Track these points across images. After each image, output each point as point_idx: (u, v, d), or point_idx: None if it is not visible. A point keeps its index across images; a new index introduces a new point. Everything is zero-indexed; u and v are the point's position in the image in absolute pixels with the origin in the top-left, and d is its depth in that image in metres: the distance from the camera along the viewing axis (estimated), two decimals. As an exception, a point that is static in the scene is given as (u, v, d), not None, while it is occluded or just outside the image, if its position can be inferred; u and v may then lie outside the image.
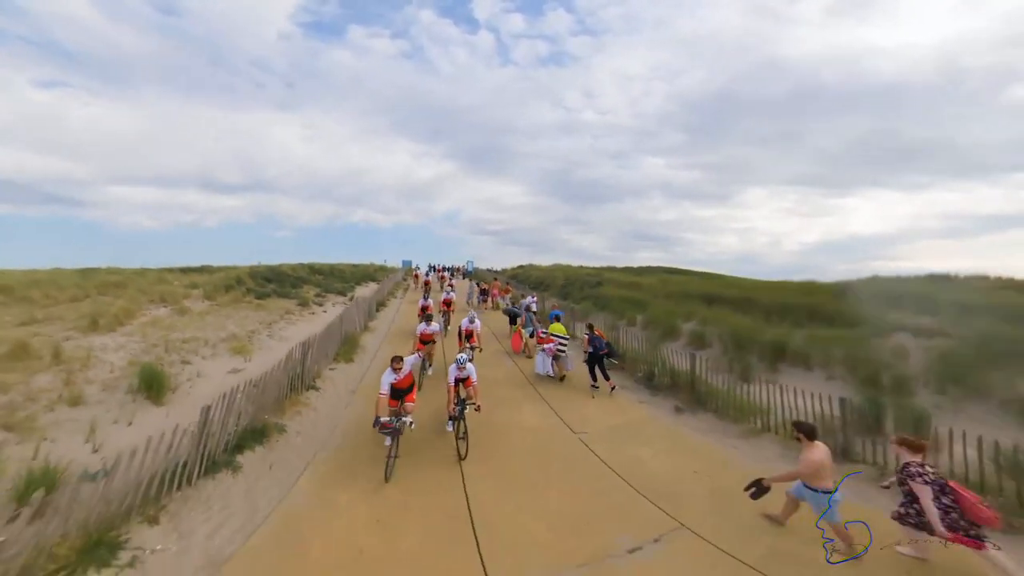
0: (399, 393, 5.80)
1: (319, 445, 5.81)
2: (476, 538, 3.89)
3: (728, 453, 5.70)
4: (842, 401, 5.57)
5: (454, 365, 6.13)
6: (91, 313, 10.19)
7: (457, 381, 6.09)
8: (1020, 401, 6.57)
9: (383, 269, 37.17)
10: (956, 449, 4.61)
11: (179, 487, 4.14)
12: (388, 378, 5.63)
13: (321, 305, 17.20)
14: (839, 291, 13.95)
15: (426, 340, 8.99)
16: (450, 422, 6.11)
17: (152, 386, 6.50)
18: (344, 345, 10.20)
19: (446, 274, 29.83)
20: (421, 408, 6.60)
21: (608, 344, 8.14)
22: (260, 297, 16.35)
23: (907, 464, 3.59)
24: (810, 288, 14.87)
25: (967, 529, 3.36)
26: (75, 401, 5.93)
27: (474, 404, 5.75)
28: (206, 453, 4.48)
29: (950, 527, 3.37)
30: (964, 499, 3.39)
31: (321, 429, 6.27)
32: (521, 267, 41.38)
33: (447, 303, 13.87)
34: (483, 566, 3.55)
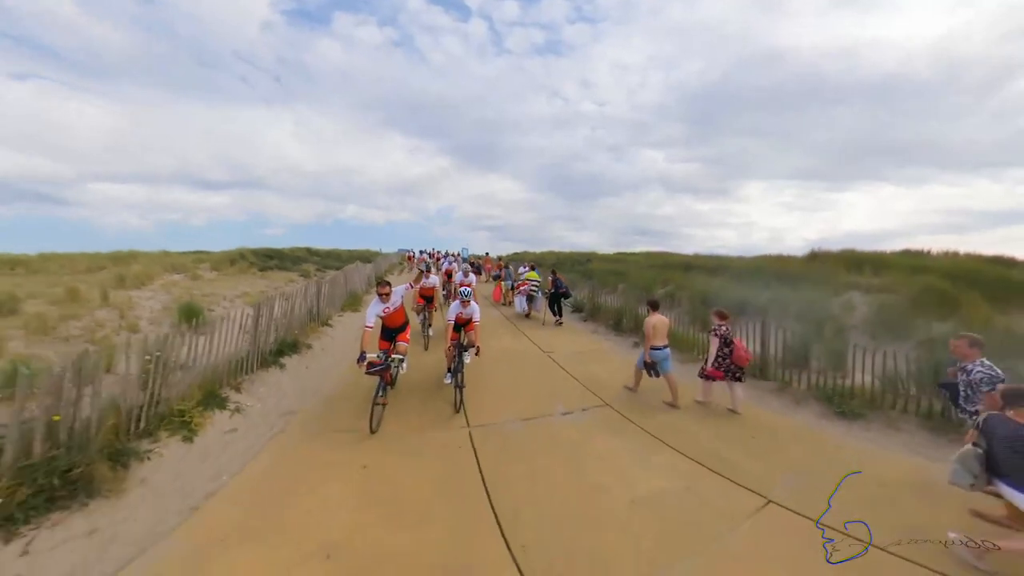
0: (390, 333, 5.29)
1: (340, 357, 7.13)
2: (466, 417, 5.19)
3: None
4: (779, 339, 6.69)
5: (456, 302, 5.72)
6: (116, 275, 11.35)
7: (458, 324, 5.77)
8: (931, 340, 7.99)
9: (378, 254, 38.30)
10: (857, 376, 5.79)
11: (246, 372, 5.44)
12: (375, 309, 4.98)
13: (322, 279, 18.37)
14: (809, 259, 15.44)
15: (425, 295, 8.57)
16: (448, 374, 5.96)
17: (191, 319, 7.73)
18: (349, 299, 11.47)
19: (448, 264, 22.68)
20: (427, 363, 6.95)
21: (565, 286, 9.71)
22: (263, 270, 17.53)
23: (713, 328, 5.17)
24: (781, 259, 16.33)
25: (731, 371, 5.10)
26: (133, 328, 7.15)
27: (474, 348, 5.35)
28: (258, 350, 5.77)
29: (718, 368, 5.10)
30: (738, 349, 5.04)
31: (337, 351, 7.58)
32: (516, 253, 43.04)
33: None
34: (467, 420, 4.91)
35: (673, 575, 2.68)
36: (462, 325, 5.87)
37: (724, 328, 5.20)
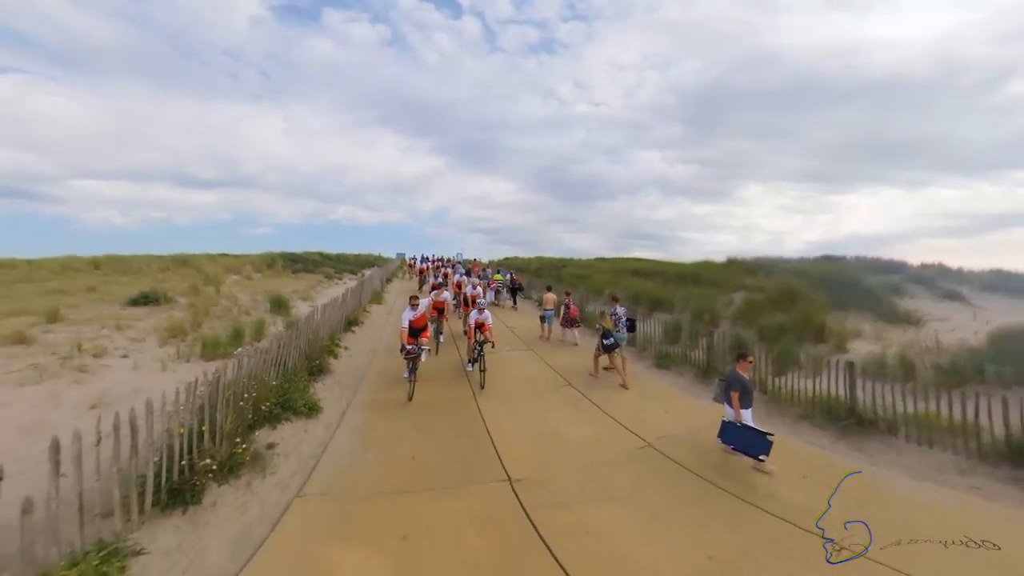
0: (415, 332, 7.30)
1: (380, 330, 11.64)
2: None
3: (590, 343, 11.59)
4: (665, 324, 11.15)
5: (475, 311, 8.04)
6: (201, 276, 15.76)
7: (477, 325, 7.81)
8: (771, 327, 12.46)
9: (380, 258, 43.11)
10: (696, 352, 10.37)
11: (345, 331, 9.93)
12: (408, 315, 7.23)
13: (340, 279, 22.85)
14: (725, 266, 20.06)
15: (438, 308, 10.22)
16: (469, 363, 8.03)
17: (280, 306, 12.15)
18: (374, 295, 16.01)
19: (459, 276, 25.65)
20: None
21: (520, 283, 14.37)
22: (294, 272, 21.97)
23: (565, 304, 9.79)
24: (706, 264, 20.95)
25: (569, 323, 9.91)
26: (246, 312, 11.53)
27: (490, 343, 7.52)
28: (344, 320, 10.24)
29: (562, 323, 9.95)
30: (571, 310, 9.84)
31: (377, 327, 12.06)
32: (506, 258, 47.92)
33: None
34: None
35: (588, 472, 5.34)
36: (479, 327, 7.85)
37: (568, 299, 10.23)
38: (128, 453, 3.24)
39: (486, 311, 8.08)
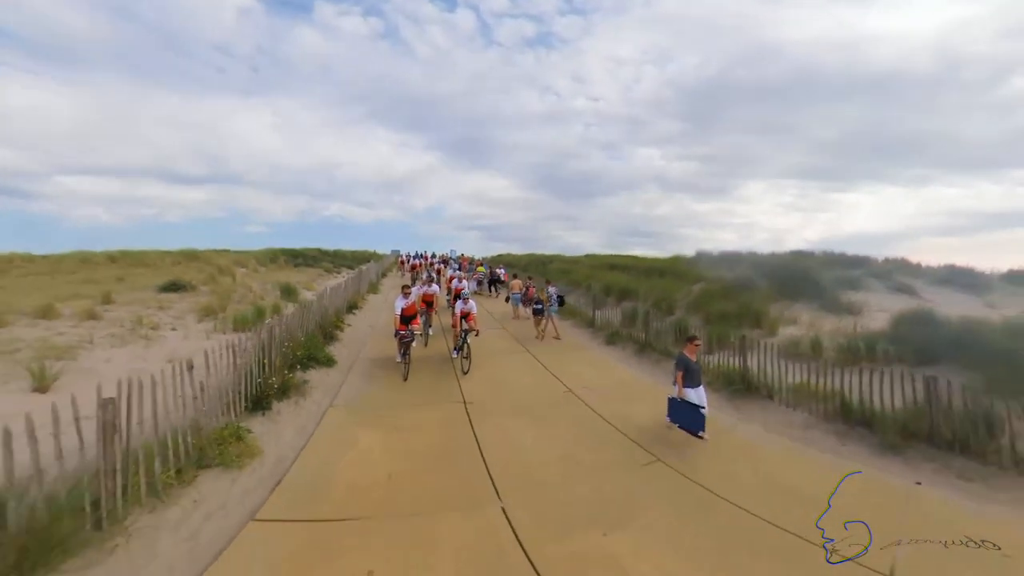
0: (407, 319, 8.12)
1: (376, 314, 13.60)
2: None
3: (568, 330, 13.61)
4: (624, 312, 13.25)
5: (460, 301, 8.79)
6: (215, 266, 17.57)
7: (463, 315, 8.53)
8: (717, 314, 14.52)
9: (376, 254, 45.17)
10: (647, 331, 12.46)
11: (343, 315, 11.86)
12: (400, 303, 8.16)
13: (339, 273, 24.72)
14: (693, 260, 22.18)
15: (427, 300, 10.89)
16: (455, 351, 8.57)
17: (289, 293, 14.04)
18: (370, 286, 17.94)
19: (440, 265, 25.92)
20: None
21: (497, 275, 16.48)
22: (295, 266, 23.80)
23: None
24: (676, 259, 23.07)
25: (527, 302, 11.99)
26: (260, 297, 13.40)
27: (474, 331, 8.29)
28: (347, 304, 12.17)
29: (523, 303, 12.07)
30: (529, 292, 11.98)
31: (374, 311, 14.02)
32: (499, 255, 50.24)
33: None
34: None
35: (517, 400, 9.08)
36: (464, 317, 8.63)
37: (530, 283, 12.18)
38: (227, 373, 5.19)
39: (471, 301, 8.97)
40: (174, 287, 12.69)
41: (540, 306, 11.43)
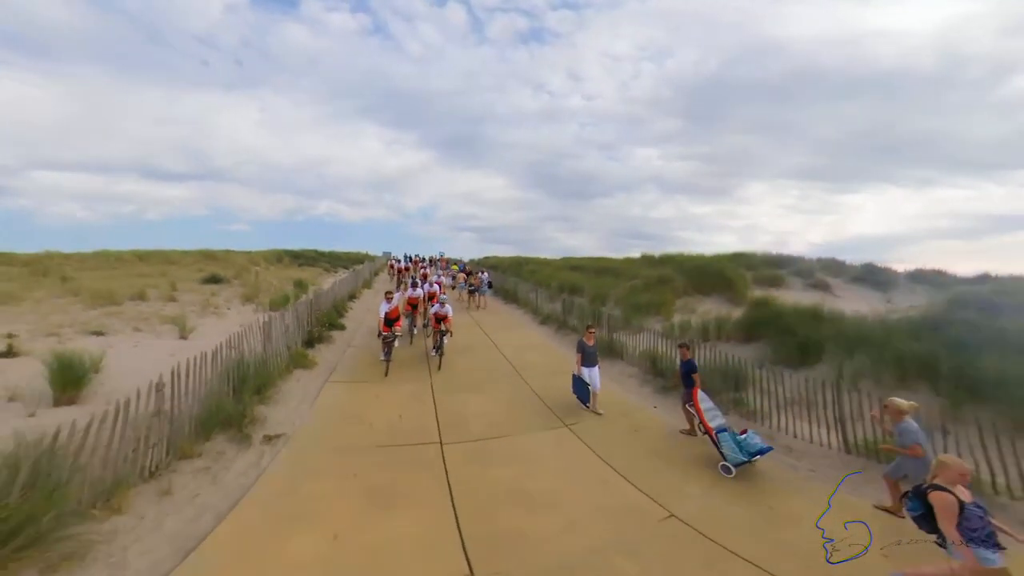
0: (390, 321, 8.94)
1: (368, 307, 17.76)
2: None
3: (518, 315, 17.81)
4: (562, 303, 17.47)
5: (437, 304, 9.70)
6: (236, 267, 21.55)
7: (438, 318, 9.44)
8: (632, 304, 18.79)
9: (369, 255, 49.40)
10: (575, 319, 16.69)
11: (348, 301, 16.00)
12: (383, 307, 9.02)
13: (337, 272, 28.78)
14: (641, 261, 26.53)
15: (412, 303, 11.89)
16: (434, 349, 9.56)
17: (303, 286, 18.08)
18: (364, 283, 22.12)
19: (426, 269, 25.81)
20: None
21: (470, 272, 20.80)
22: (299, 265, 27.83)
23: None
24: (627, 260, 27.44)
25: (472, 289, 16.35)
26: (279, 290, 17.39)
27: (448, 332, 9.26)
28: (347, 295, 16.30)
29: (469, 290, 16.07)
30: (474, 279, 16.00)
31: (369, 300, 18.14)
32: (486, 257, 54.70)
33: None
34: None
35: (459, 348, 13.34)
36: (441, 319, 9.42)
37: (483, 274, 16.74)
38: (294, 325, 9.36)
39: (447, 305, 9.86)
40: (214, 280, 16.71)
41: (475, 288, 17.26)
